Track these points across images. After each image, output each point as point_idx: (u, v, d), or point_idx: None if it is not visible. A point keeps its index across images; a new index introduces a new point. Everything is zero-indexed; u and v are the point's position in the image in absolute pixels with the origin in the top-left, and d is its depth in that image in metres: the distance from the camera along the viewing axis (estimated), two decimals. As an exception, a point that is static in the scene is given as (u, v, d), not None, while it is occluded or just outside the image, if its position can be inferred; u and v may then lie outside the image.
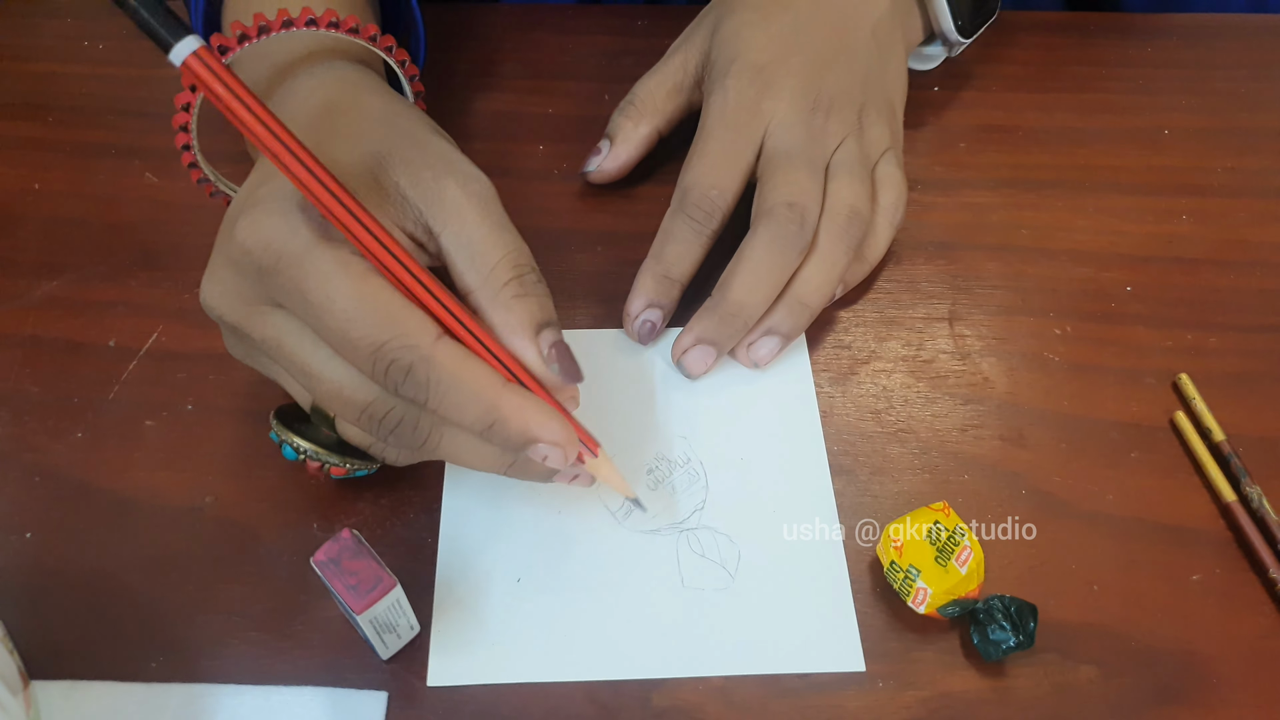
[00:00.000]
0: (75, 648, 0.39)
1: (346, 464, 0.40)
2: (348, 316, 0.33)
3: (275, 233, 0.34)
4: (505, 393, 0.35)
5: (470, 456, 0.38)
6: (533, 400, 0.36)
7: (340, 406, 0.36)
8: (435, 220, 0.37)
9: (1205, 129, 0.59)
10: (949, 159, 0.57)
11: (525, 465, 0.38)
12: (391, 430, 0.36)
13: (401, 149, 0.37)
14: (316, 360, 0.36)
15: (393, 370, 0.34)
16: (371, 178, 0.37)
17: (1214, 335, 0.49)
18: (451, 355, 0.34)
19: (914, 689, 0.39)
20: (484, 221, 0.37)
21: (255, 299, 0.36)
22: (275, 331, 0.36)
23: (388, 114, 0.40)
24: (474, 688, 0.38)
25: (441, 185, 0.37)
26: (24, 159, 0.54)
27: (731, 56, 0.49)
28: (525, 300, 0.36)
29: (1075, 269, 0.52)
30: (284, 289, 0.34)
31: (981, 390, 0.47)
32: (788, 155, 0.46)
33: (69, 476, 0.43)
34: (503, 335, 0.36)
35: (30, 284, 0.49)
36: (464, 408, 0.35)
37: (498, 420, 0.35)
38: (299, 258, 0.34)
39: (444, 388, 0.34)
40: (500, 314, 0.36)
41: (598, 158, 0.52)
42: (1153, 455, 0.45)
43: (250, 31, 0.40)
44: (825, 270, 0.45)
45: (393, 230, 0.36)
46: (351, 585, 0.35)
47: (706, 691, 0.39)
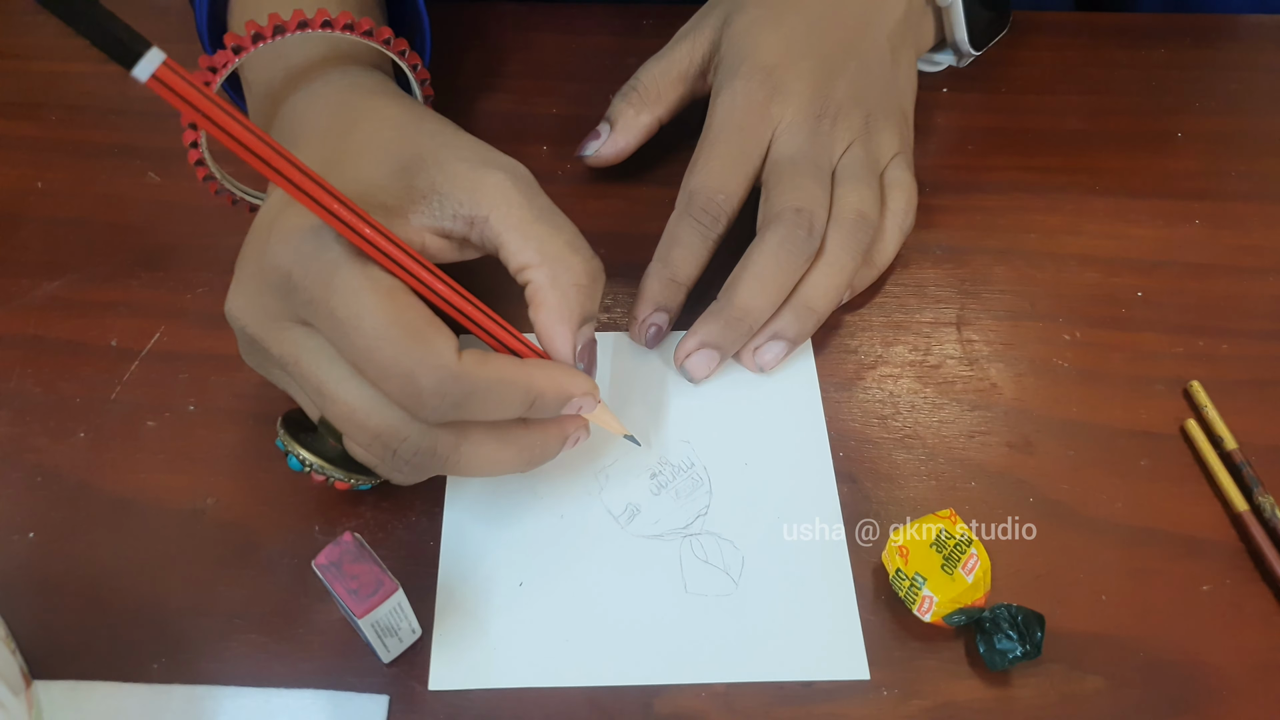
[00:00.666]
0: (77, 648, 0.39)
1: (351, 479, 0.39)
2: (375, 334, 0.33)
3: (304, 249, 0.34)
4: (532, 371, 0.36)
5: (489, 465, 0.38)
6: (552, 364, 0.38)
7: (352, 430, 0.36)
8: (480, 207, 0.37)
9: (1218, 132, 0.58)
10: (957, 161, 0.56)
11: (543, 449, 0.39)
12: (406, 460, 0.36)
13: (432, 149, 0.38)
14: (332, 380, 0.36)
15: (426, 397, 0.34)
16: (404, 183, 0.37)
17: (1226, 341, 0.49)
18: (476, 361, 0.35)
19: (919, 698, 0.39)
20: (531, 204, 0.37)
21: (280, 314, 0.36)
22: (294, 348, 0.36)
23: (411, 119, 0.40)
24: (475, 692, 0.38)
25: (480, 174, 0.37)
26: (25, 159, 0.54)
27: (741, 55, 0.48)
28: (580, 292, 0.37)
29: (1085, 273, 0.51)
30: (311, 306, 0.34)
31: (989, 396, 0.47)
32: (794, 161, 0.46)
33: (71, 477, 0.43)
34: (547, 319, 0.37)
35: (32, 284, 0.49)
36: (504, 404, 0.36)
37: (538, 397, 0.36)
38: (327, 275, 0.34)
39: (479, 397, 0.35)
40: (556, 297, 0.37)
41: (596, 142, 0.51)
42: (1163, 463, 0.45)
43: (265, 31, 0.39)
44: (833, 275, 0.45)
45: (420, 234, 0.37)
46: (353, 589, 0.35)
47: (709, 698, 0.38)
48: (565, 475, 0.43)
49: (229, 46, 0.39)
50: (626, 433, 0.43)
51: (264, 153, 0.32)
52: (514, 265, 0.37)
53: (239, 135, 0.31)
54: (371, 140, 0.38)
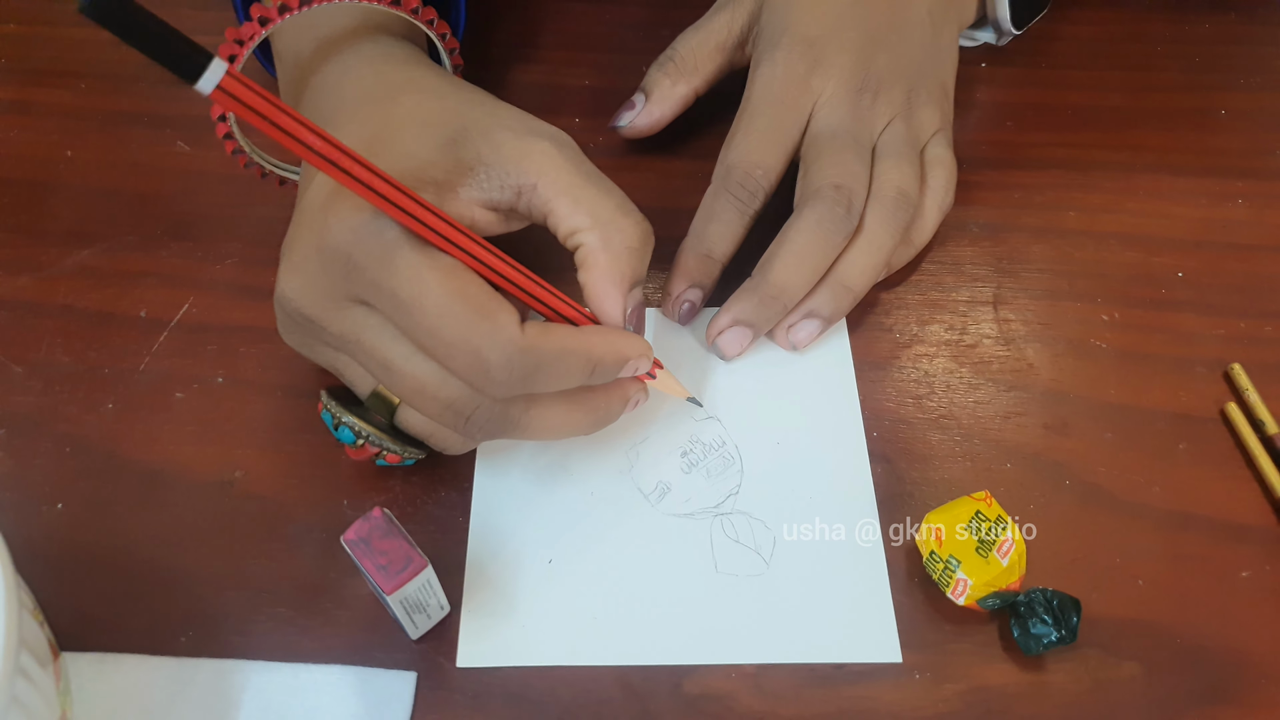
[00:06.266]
0: (105, 620, 0.39)
1: (405, 451, 0.39)
2: (440, 313, 0.33)
3: (362, 230, 0.34)
4: (590, 338, 0.37)
5: (559, 429, 0.38)
6: (607, 330, 0.38)
7: (423, 402, 0.36)
8: (527, 175, 0.36)
9: (1263, 109, 0.57)
10: (995, 138, 0.55)
11: (607, 410, 0.39)
12: (480, 426, 0.36)
13: (475, 119, 0.37)
14: (398, 356, 0.36)
15: (495, 371, 0.34)
16: (451, 157, 0.36)
17: (1269, 324, 0.48)
18: (539, 333, 0.35)
19: (951, 682, 0.38)
20: (579, 169, 0.37)
21: (339, 294, 0.36)
22: (355, 327, 0.36)
23: (451, 90, 0.40)
24: (503, 669, 0.38)
25: (526, 143, 0.37)
26: (56, 127, 0.54)
27: (783, 27, 0.47)
28: (632, 254, 0.37)
29: (1124, 253, 0.50)
30: (373, 286, 0.34)
31: (1026, 377, 0.46)
32: (834, 135, 0.45)
33: (99, 448, 0.43)
34: (599, 281, 0.37)
35: (62, 253, 0.49)
36: (568, 373, 0.36)
37: (598, 364, 0.37)
38: (388, 255, 0.34)
39: (545, 369, 0.35)
40: (608, 259, 0.37)
41: (631, 113, 0.51)
42: (1202, 447, 0.44)
43: (292, 3, 0.39)
44: (871, 254, 0.44)
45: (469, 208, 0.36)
46: (382, 565, 0.34)
47: (739, 679, 0.38)
48: (596, 452, 0.43)
49: (256, 18, 0.39)
50: (689, 395, 0.43)
51: (326, 150, 0.31)
52: (564, 230, 0.37)
53: (304, 138, 0.31)
54: (415, 113, 0.38)
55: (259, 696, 0.37)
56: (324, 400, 0.39)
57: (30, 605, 0.34)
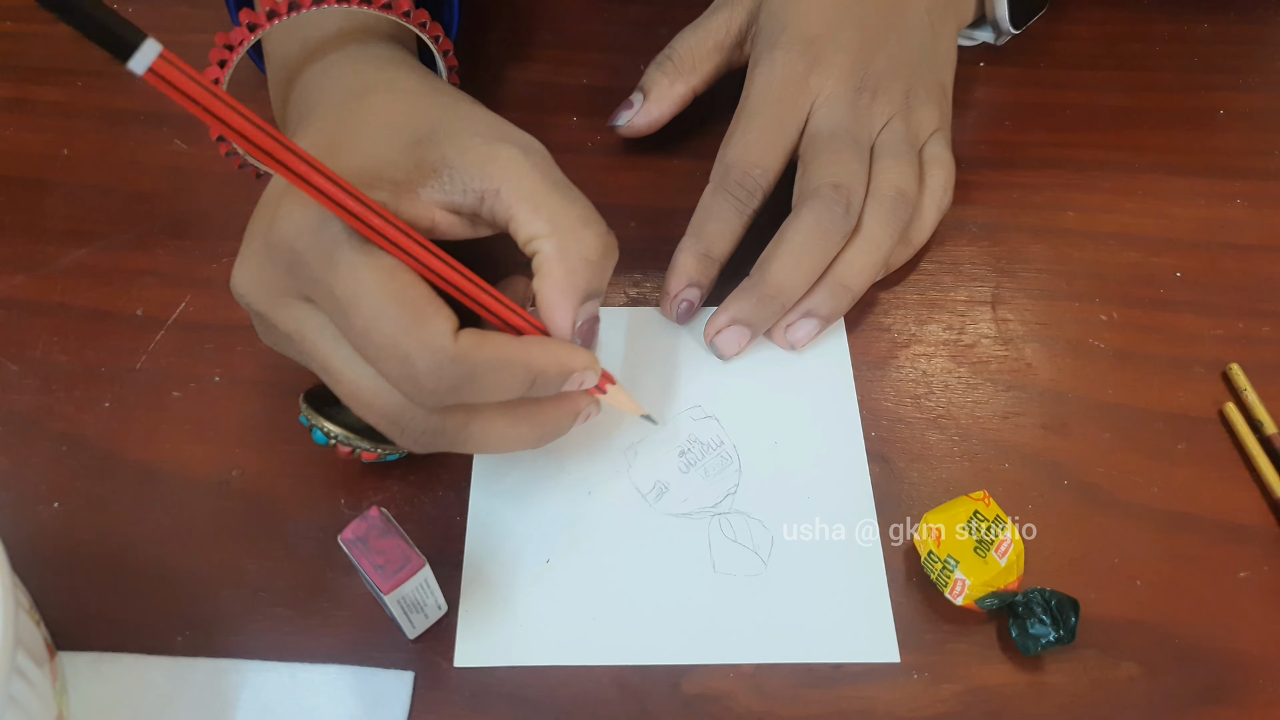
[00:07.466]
0: (102, 619, 0.39)
1: (378, 449, 0.39)
2: (373, 314, 0.32)
3: (307, 225, 0.33)
4: (529, 349, 0.35)
5: (500, 443, 0.37)
6: (551, 341, 0.36)
7: (360, 409, 0.36)
8: (491, 179, 0.36)
9: (1262, 109, 0.57)
10: (994, 137, 0.55)
11: (554, 425, 0.38)
12: (416, 438, 0.36)
13: (445, 122, 0.37)
14: (337, 358, 0.35)
15: (423, 380, 0.33)
16: (414, 157, 0.36)
17: (1267, 324, 0.48)
18: (474, 342, 0.34)
19: (949, 682, 0.38)
20: (545, 177, 0.36)
21: (286, 290, 0.35)
22: (299, 325, 0.35)
23: (425, 92, 0.39)
24: (501, 669, 0.38)
25: (493, 148, 0.36)
26: (52, 125, 0.54)
27: (781, 26, 0.47)
28: (588, 267, 0.36)
29: (1123, 253, 0.50)
30: (314, 283, 0.34)
31: (1024, 377, 0.46)
32: (833, 135, 0.45)
33: (96, 447, 0.43)
34: (550, 291, 0.36)
35: (59, 251, 0.48)
36: (504, 385, 0.34)
37: (538, 376, 0.35)
38: (329, 252, 0.33)
39: (479, 379, 0.34)
40: (562, 270, 0.36)
41: (629, 112, 0.50)
42: (1201, 447, 0.44)
43: (280, 8, 0.39)
44: (869, 253, 0.44)
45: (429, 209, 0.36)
46: (379, 565, 0.34)
47: (736, 679, 0.38)
48: (593, 452, 0.43)
49: (244, 24, 0.39)
50: (643, 412, 0.42)
51: (263, 141, 0.31)
52: (523, 236, 0.36)
53: (238, 125, 0.30)
54: (382, 113, 0.38)
55: (256, 696, 0.37)
56: (301, 404, 0.39)
57: (27, 604, 0.34)
